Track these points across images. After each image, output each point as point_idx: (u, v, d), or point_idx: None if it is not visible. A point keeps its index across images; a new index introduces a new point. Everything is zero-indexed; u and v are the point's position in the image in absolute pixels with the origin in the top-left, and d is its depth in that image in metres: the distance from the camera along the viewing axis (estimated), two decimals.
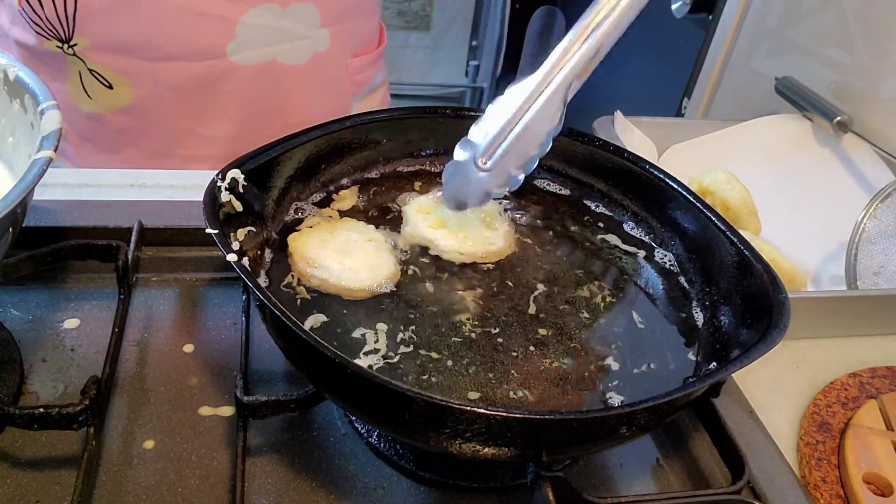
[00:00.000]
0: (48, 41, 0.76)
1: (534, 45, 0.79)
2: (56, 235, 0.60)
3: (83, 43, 0.76)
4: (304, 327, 0.43)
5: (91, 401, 0.46)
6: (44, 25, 0.75)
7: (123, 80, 0.79)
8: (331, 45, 0.84)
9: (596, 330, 0.55)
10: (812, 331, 0.68)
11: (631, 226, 0.64)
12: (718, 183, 0.74)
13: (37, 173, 0.45)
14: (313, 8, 0.80)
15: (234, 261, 0.47)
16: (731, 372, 0.47)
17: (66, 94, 0.80)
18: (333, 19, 0.83)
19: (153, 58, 0.77)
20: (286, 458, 0.50)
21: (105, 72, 0.78)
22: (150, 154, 0.85)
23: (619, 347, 0.53)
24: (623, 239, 0.63)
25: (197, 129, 0.83)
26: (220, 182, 0.51)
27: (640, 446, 0.55)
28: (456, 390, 0.48)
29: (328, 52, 0.84)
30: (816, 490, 0.53)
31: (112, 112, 0.82)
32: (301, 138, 0.58)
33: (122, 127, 0.83)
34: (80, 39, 0.75)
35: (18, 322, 0.57)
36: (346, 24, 0.85)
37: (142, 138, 0.84)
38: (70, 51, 0.76)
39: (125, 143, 0.85)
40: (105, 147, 0.86)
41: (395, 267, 0.56)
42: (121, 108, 0.81)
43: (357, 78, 0.91)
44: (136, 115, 0.82)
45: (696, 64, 1.32)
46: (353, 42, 0.89)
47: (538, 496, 0.44)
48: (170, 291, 0.63)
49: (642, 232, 0.64)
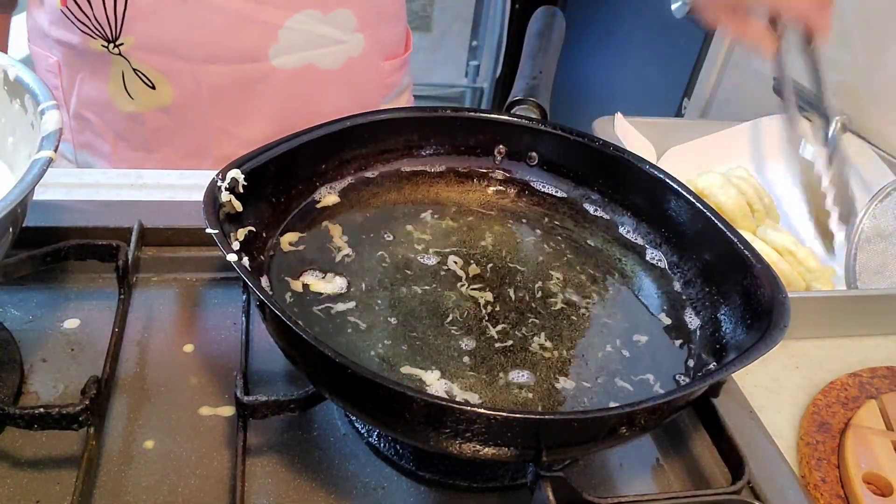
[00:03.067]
0: (93, 40, 0.77)
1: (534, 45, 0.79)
2: (56, 235, 0.60)
3: (129, 42, 0.77)
4: (304, 327, 0.43)
5: (91, 401, 0.46)
6: (91, 25, 0.76)
7: (165, 80, 0.80)
8: (364, 50, 0.86)
9: (595, 330, 0.55)
10: (812, 331, 0.68)
11: (630, 225, 0.64)
12: (712, 186, 0.75)
13: (37, 173, 0.45)
14: (350, 13, 0.82)
15: (234, 261, 0.47)
16: (732, 372, 0.47)
17: (106, 94, 0.81)
18: (368, 24, 0.84)
19: (196, 59, 0.78)
20: (286, 458, 0.50)
21: (148, 71, 0.79)
22: (185, 154, 0.86)
23: (618, 347, 0.53)
24: (622, 239, 0.63)
25: (232, 129, 0.84)
26: (220, 182, 0.51)
27: (640, 446, 0.55)
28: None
29: (362, 57, 0.86)
30: (816, 490, 0.53)
31: (150, 111, 0.83)
32: (301, 138, 0.58)
33: (160, 126, 0.84)
34: (127, 38, 0.76)
35: (18, 322, 0.57)
36: (379, 28, 0.87)
37: (178, 138, 0.85)
38: (115, 50, 0.77)
39: (161, 142, 0.86)
40: (141, 146, 0.86)
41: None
42: (159, 107, 0.82)
43: (388, 81, 0.93)
44: (174, 114, 0.83)
45: (696, 64, 1.32)
46: (385, 46, 0.90)
47: (538, 496, 0.44)
48: (170, 291, 0.63)
49: (641, 232, 0.64)
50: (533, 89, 0.72)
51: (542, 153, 0.67)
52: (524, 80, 0.73)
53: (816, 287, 0.69)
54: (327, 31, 0.81)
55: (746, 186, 0.75)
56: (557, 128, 0.65)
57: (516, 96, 0.71)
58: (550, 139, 0.66)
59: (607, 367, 0.52)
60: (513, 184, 0.68)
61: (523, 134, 0.67)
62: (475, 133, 0.67)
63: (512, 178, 0.68)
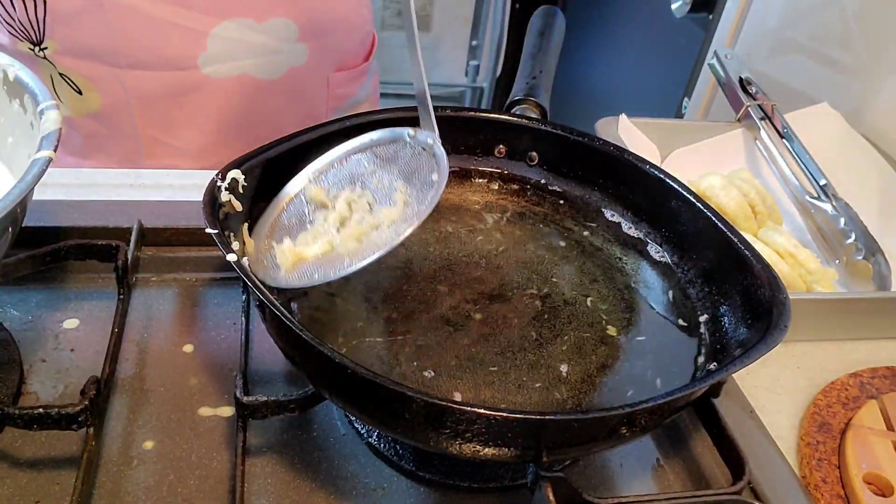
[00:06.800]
0: (21, 42, 0.76)
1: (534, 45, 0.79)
2: (56, 235, 0.60)
3: (53, 47, 0.75)
4: (304, 327, 0.43)
5: (91, 401, 0.46)
6: (16, 26, 0.75)
7: (92, 86, 0.78)
8: (309, 60, 0.83)
9: (596, 329, 0.55)
10: (813, 333, 0.68)
11: (631, 225, 0.64)
12: (714, 188, 0.74)
13: (36, 173, 0.45)
14: (290, 23, 0.78)
15: (233, 261, 0.47)
16: (732, 372, 0.47)
17: None
18: (312, 34, 0.81)
19: (121, 65, 0.76)
20: (286, 458, 0.50)
21: (74, 77, 0.78)
22: (118, 161, 0.84)
23: (619, 347, 0.53)
24: (622, 238, 0.63)
25: (164, 138, 0.82)
26: (219, 182, 0.51)
27: (641, 446, 0.55)
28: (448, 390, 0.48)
29: (305, 67, 0.83)
30: (817, 490, 0.53)
31: (81, 117, 0.81)
32: (300, 137, 0.58)
33: (91, 132, 0.82)
34: (50, 43, 0.75)
35: (18, 322, 0.57)
36: (327, 38, 0.83)
37: (110, 144, 0.83)
38: (41, 53, 0.76)
39: (94, 148, 0.84)
40: (75, 152, 0.85)
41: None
42: (89, 114, 0.81)
43: (339, 92, 0.90)
44: (104, 121, 0.81)
45: (696, 64, 1.32)
46: (335, 56, 0.87)
47: (538, 496, 0.44)
48: (169, 291, 0.63)
49: (642, 231, 0.64)
50: (533, 89, 0.72)
51: (542, 153, 0.67)
52: (524, 80, 0.73)
53: (817, 289, 0.68)
54: (262, 41, 0.78)
55: (748, 188, 0.75)
56: (557, 127, 0.65)
57: (516, 96, 0.71)
58: (550, 139, 0.66)
59: (607, 367, 0.52)
60: (513, 183, 0.68)
61: (523, 134, 0.67)
62: (475, 133, 0.67)
63: (512, 178, 0.68)
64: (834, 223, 0.76)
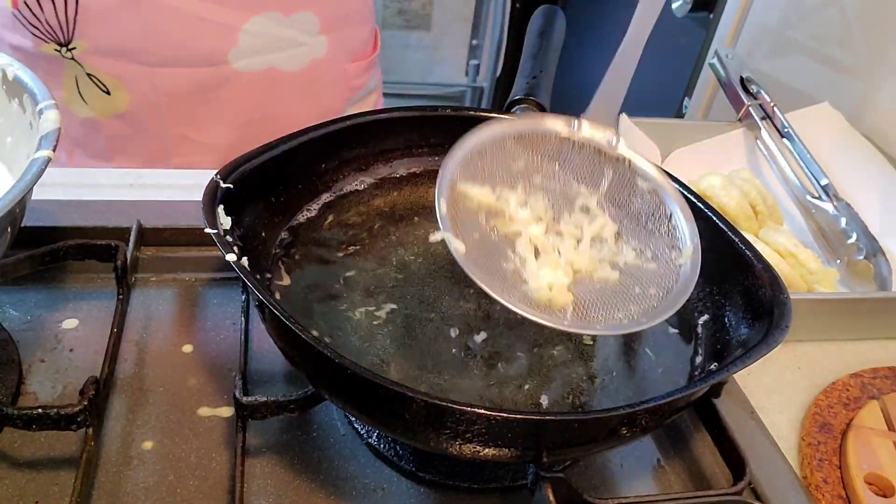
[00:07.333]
0: (46, 44, 0.76)
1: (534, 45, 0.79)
2: (55, 235, 0.60)
3: (82, 46, 0.75)
4: (303, 327, 0.42)
5: (90, 401, 0.46)
6: (42, 28, 0.74)
7: (120, 86, 0.78)
8: (328, 52, 0.84)
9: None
10: (814, 333, 0.68)
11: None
12: (714, 188, 0.74)
13: (35, 173, 0.45)
14: (313, 16, 0.80)
15: (233, 261, 0.46)
16: (733, 372, 0.47)
17: (61, 100, 0.80)
18: (331, 26, 0.83)
19: (152, 63, 0.76)
20: (285, 459, 0.50)
21: (103, 76, 0.77)
22: (143, 161, 0.85)
23: (619, 346, 0.53)
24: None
25: (192, 135, 0.83)
26: (220, 182, 0.51)
27: (641, 447, 0.54)
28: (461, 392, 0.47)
29: (325, 59, 0.85)
30: (818, 491, 0.53)
31: (107, 118, 0.81)
32: (301, 138, 0.58)
33: (116, 133, 0.82)
34: (79, 42, 0.75)
35: (17, 322, 0.57)
36: (344, 30, 0.85)
37: (135, 145, 0.84)
38: (68, 54, 0.76)
39: (118, 149, 0.84)
40: (98, 154, 0.85)
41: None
42: (116, 114, 0.81)
43: (353, 83, 0.92)
44: (130, 120, 0.81)
45: (697, 64, 1.32)
46: (350, 48, 0.89)
47: (539, 497, 0.44)
48: (169, 291, 0.62)
49: None
50: (533, 88, 0.71)
51: None
52: (524, 80, 0.73)
53: (818, 290, 0.68)
54: (289, 34, 0.80)
55: (749, 188, 0.75)
56: None
57: (516, 95, 0.71)
58: None
59: (607, 367, 0.52)
60: None
61: None
62: None
63: None
64: (835, 223, 0.76)
